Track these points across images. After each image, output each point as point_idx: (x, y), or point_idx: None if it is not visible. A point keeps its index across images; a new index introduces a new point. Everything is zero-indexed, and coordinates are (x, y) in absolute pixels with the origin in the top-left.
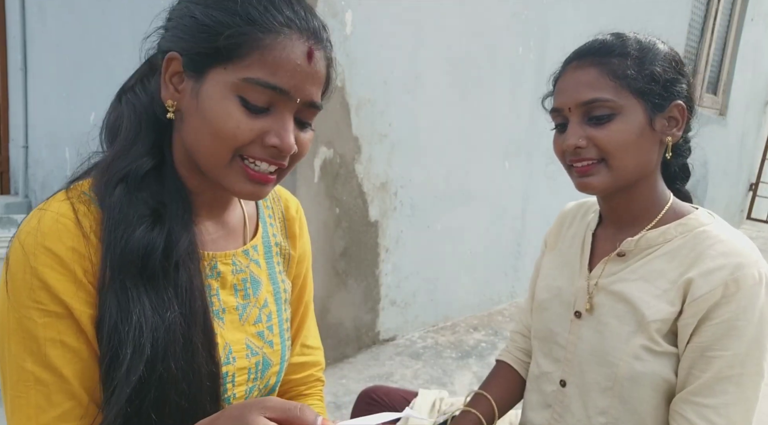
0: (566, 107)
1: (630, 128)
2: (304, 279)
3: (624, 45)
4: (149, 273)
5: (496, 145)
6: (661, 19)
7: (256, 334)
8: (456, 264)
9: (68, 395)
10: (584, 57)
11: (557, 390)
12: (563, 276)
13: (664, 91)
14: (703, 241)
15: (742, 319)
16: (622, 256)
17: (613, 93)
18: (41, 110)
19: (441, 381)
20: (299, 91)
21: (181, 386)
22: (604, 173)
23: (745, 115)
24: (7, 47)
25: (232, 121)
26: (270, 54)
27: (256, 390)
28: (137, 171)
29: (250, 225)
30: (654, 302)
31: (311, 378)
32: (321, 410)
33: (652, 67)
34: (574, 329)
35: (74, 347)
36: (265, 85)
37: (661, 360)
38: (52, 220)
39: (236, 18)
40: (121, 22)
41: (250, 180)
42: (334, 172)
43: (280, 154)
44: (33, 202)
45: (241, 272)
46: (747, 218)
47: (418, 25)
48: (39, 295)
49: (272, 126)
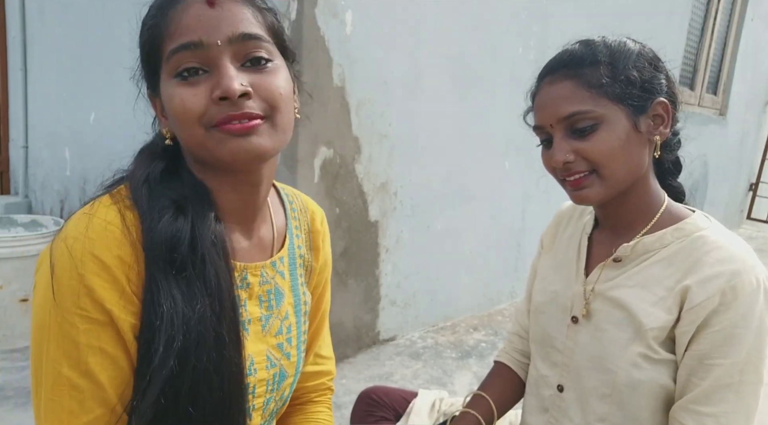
0: (548, 124)
1: (615, 135)
2: (323, 289)
3: (594, 53)
4: (178, 265)
5: (495, 145)
6: (661, 19)
7: (276, 346)
8: (456, 264)
9: (101, 402)
10: (556, 71)
11: (554, 394)
12: (559, 280)
13: (642, 91)
14: (700, 247)
15: (741, 327)
16: (619, 262)
17: (591, 103)
18: (41, 110)
19: (441, 381)
20: (213, 34)
21: (214, 379)
22: (598, 184)
23: (745, 115)
24: (7, 47)
25: (177, 99)
26: (173, 23)
27: (272, 401)
28: (154, 171)
29: (279, 237)
30: (651, 309)
31: (322, 386)
32: (329, 418)
33: (626, 71)
34: (571, 334)
35: (113, 355)
36: (177, 49)
37: (659, 367)
38: (100, 227)
39: (147, 20)
40: (121, 22)
41: (232, 137)
42: (334, 172)
43: (234, 104)
44: (33, 201)
45: (267, 283)
46: (747, 218)
47: (418, 25)
48: (83, 302)
49: (213, 82)
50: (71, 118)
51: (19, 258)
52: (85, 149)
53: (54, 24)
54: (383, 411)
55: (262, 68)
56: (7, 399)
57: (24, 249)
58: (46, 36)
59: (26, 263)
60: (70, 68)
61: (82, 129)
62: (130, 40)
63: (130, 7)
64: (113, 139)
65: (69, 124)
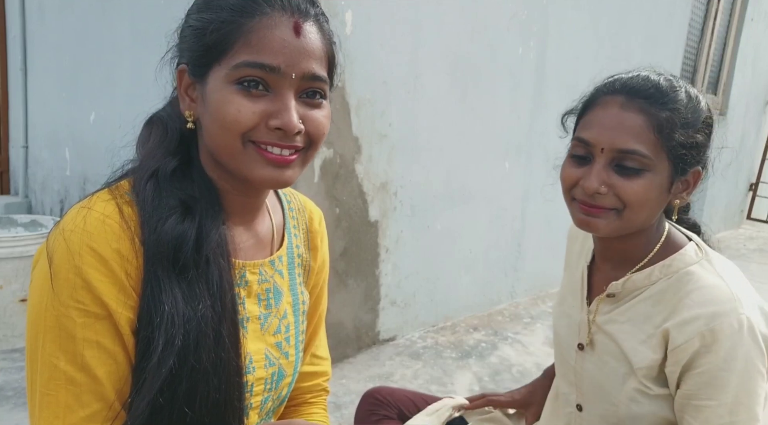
0: (599, 146)
1: (654, 186)
2: (320, 289)
3: (676, 97)
4: (181, 265)
5: (496, 145)
6: (661, 19)
7: (275, 345)
8: (456, 264)
9: (98, 396)
10: (634, 98)
11: (574, 412)
12: (569, 305)
13: (693, 158)
14: (684, 286)
15: (724, 369)
16: (612, 297)
17: (652, 149)
18: (41, 110)
19: (441, 381)
20: (292, 67)
21: (212, 379)
22: (613, 220)
23: (745, 115)
24: (7, 47)
25: (233, 106)
26: (254, 36)
27: (270, 400)
28: (165, 167)
29: (277, 236)
30: (640, 348)
31: (317, 387)
32: (324, 419)
33: (694, 134)
34: (578, 360)
35: (110, 349)
36: (253, 65)
37: (657, 401)
38: (98, 221)
39: (220, 12)
40: (121, 22)
41: (268, 163)
42: (334, 172)
43: (286, 135)
44: (33, 201)
45: (266, 282)
46: (747, 218)
47: (418, 25)
48: (81, 295)
49: (273, 107)
50: (71, 118)
51: (19, 258)
52: (85, 149)
53: (54, 24)
54: (386, 410)
55: (316, 103)
56: (7, 399)
57: (24, 249)
58: (46, 36)
59: (26, 263)
60: (70, 68)
61: (82, 129)
62: (130, 40)
63: (130, 7)
64: (113, 139)
65: (69, 124)
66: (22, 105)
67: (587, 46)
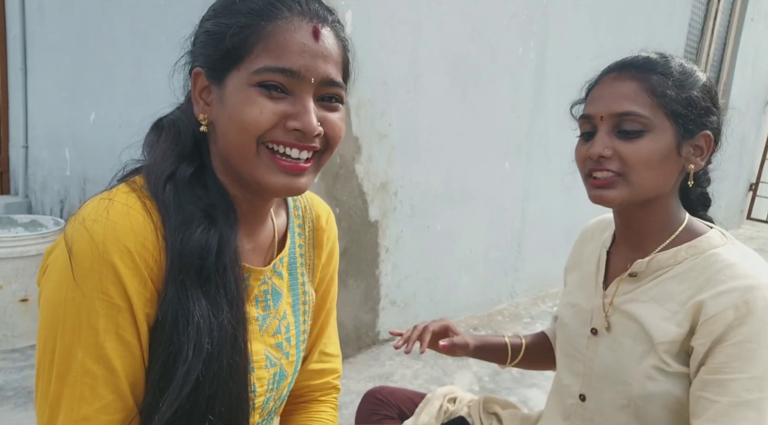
0: (598, 115)
1: (657, 148)
2: (327, 284)
3: (667, 64)
4: (206, 275)
5: (496, 145)
6: (661, 19)
7: (275, 345)
8: (456, 264)
9: (113, 388)
10: (625, 69)
11: (576, 403)
12: (581, 294)
13: (697, 118)
14: (713, 265)
15: (755, 342)
16: (634, 277)
17: (648, 109)
18: (41, 110)
19: (441, 381)
20: (311, 71)
21: (229, 383)
22: (622, 187)
23: (745, 115)
24: (7, 47)
25: (256, 107)
26: (274, 40)
27: (272, 400)
28: (183, 172)
29: (279, 237)
30: (663, 324)
31: (328, 385)
32: (333, 418)
33: (691, 92)
34: (591, 345)
35: (129, 342)
36: (274, 69)
37: (673, 379)
38: (121, 211)
39: (239, 16)
40: (121, 22)
41: (281, 170)
42: (334, 172)
43: (304, 136)
44: (33, 201)
45: (264, 284)
46: (747, 218)
47: (418, 25)
48: (106, 286)
49: (293, 109)
50: (71, 118)
51: (19, 258)
52: (85, 149)
53: (54, 24)
54: (387, 410)
55: (333, 107)
56: (7, 399)
57: (24, 249)
58: (46, 36)
59: (26, 263)
60: (70, 68)
61: (82, 129)
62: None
63: (130, 7)
64: (113, 139)
65: (69, 124)
66: (22, 105)
67: (587, 46)
